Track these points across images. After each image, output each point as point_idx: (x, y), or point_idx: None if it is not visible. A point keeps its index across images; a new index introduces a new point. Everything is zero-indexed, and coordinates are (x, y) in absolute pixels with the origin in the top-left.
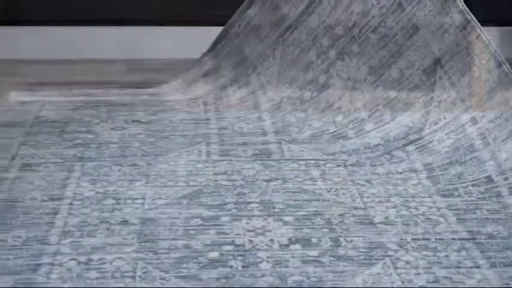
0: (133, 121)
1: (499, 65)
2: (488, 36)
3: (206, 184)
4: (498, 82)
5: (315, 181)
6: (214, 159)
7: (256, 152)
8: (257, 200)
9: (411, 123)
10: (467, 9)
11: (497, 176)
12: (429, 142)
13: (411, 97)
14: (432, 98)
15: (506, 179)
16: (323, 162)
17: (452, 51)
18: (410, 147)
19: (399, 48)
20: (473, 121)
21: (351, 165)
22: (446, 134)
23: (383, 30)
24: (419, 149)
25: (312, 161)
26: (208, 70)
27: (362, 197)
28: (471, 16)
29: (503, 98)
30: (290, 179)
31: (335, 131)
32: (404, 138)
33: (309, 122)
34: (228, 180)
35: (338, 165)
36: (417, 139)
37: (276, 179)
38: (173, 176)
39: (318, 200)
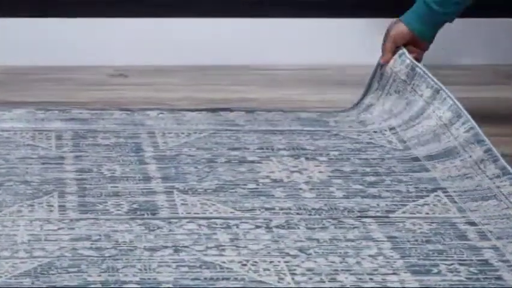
0: None
1: None
2: None
3: (59, 255)
4: None
5: (223, 250)
6: (72, 218)
7: (135, 206)
8: (136, 278)
9: (374, 204)
10: (505, 164)
11: (497, 262)
12: (397, 222)
13: (385, 202)
14: (415, 201)
15: (510, 266)
16: (235, 222)
17: (469, 190)
18: (367, 220)
19: (395, 176)
20: (472, 224)
21: (278, 226)
22: (426, 222)
23: (380, 170)
24: (380, 224)
25: (219, 220)
26: None
27: (293, 274)
28: (510, 169)
29: None
30: (185, 247)
31: (255, 188)
32: (360, 212)
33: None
34: (92, 248)
35: (258, 227)
36: (380, 217)
37: (165, 247)
38: (10, 243)
39: (227, 279)
